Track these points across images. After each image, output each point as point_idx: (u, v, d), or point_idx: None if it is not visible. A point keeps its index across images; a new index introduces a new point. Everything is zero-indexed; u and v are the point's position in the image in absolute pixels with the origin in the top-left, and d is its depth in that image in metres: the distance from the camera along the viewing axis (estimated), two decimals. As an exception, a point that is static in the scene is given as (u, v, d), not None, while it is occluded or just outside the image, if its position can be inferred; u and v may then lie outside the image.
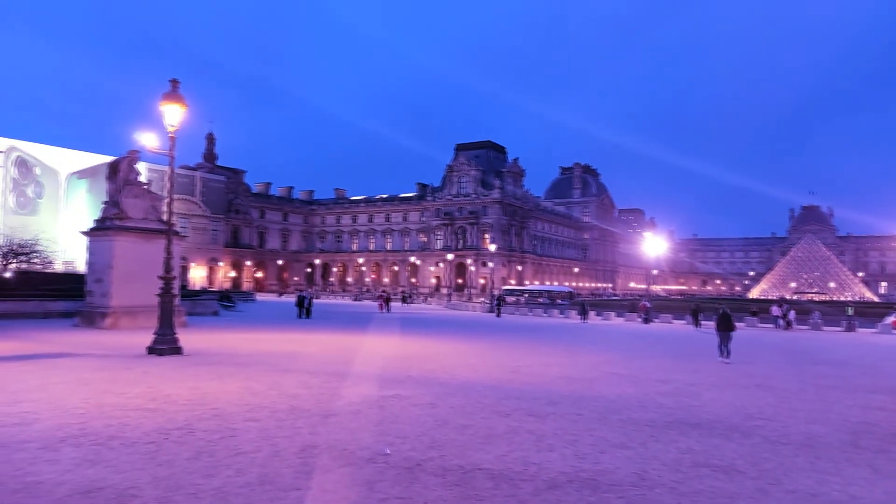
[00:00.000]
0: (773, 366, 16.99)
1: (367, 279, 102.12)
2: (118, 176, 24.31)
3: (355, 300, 72.65)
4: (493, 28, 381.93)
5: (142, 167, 27.51)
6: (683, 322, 39.83)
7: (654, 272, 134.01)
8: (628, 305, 51.76)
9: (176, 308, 16.74)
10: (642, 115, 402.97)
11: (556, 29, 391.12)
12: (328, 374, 12.30)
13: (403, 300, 63.97)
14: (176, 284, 17.20)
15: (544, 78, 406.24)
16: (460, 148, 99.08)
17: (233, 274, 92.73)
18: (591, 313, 42.07)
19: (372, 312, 43.28)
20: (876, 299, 77.87)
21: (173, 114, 14.90)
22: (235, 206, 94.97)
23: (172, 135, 15.12)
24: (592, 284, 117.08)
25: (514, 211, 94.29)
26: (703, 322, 35.95)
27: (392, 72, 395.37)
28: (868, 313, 43.80)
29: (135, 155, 24.56)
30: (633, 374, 13.93)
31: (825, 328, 36.30)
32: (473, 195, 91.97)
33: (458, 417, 8.58)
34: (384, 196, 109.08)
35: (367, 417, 8.42)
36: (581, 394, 10.97)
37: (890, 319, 37.28)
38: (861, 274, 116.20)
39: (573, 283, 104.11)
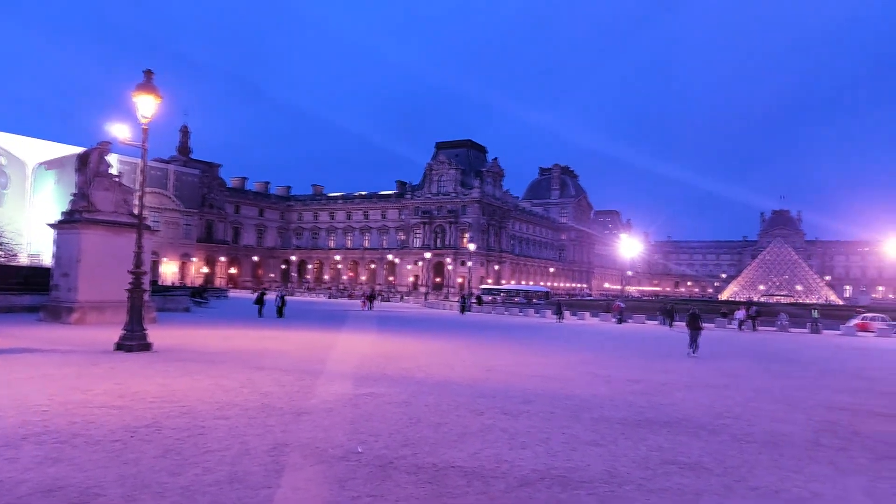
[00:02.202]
0: (741, 366, 17.31)
1: (344, 277, 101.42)
2: (88, 167, 23.76)
3: (331, 298, 72.21)
4: (474, 29, 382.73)
5: (113, 159, 26.99)
6: (656, 322, 40.40)
7: (629, 273, 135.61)
8: (603, 306, 52.29)
9: (146, 304, 16.44)
10: (621, 119, 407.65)
11: (537, 32, 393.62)
12: (302, 372, 12.20)
13: (372, 298, 63.70)
14: (146, 279, 16.89)
15: (525, 80, 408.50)
16: (440, 146, 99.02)
17: (206, 270, 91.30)
18: (567, 313, 42.44)
19: (348, 310, 43.07)
20: (840, 302, 79.82)
21: (146, 105, 14.62)
22: (210, 200, 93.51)
23: (145, 126, 14.83)
24: (569, 284, 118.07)
25: (494, 211, 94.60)
26: (676, 322, 36.95)
27: (373, 71, 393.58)
28: (833, 316, 44.91)
29: (106, 146, 24.03)
30: (607, 374, 14.08)
31: (792, 330, 37.13)
32: (453, 194, 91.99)
33: (432, 415, 8.58)
34: (363, 193, 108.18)
35: (341, 415, 8.37)
36: (555, 392, 11.05)
37: (854, 322, 38.29)
38: (827, 277, 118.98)
39: (550, 283, 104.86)
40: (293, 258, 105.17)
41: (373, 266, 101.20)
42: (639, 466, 6.48)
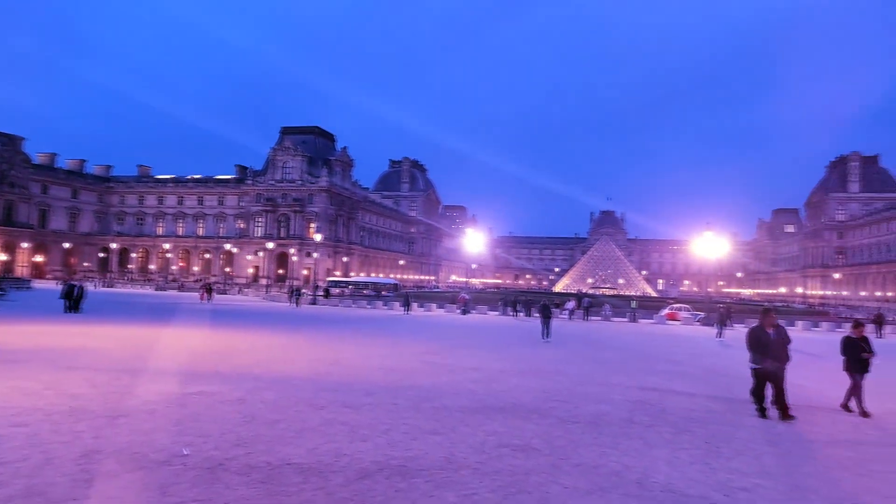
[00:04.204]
0: (570, 353, 18.75)
1: (174, 267, 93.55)
2: None
3: (159, 290, 66.58)
4: (322, 19, 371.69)
5: None
6: (497, 313, 42.49)
7: (474, 266, 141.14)
8: (449, 298, 53.86)
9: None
10: (467, 116, 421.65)
11: (388, 25, 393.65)
12: (121, 371, 11.08)
13: (211, 290, 59.98)
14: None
15: (376, 72, 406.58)
16: (286, 132, 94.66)
17: (4, 257, 79.36)
18: (415, 305, 43.11)
19: (179, 303, 40.05)
20: (655, 294, 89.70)
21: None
22: (10, 178, 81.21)
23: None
24: (417, 277, 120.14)
25: (343, 201, 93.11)
26: (520, 312, 39.65)
27: (214, 58, 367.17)
28: (648, 306, 50.28)
29: None
30: (450, 363, 14.49)
31: (614, 319, 41.01)
32: (299, 182, 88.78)
33: (269, 412, 8.21)
34: (197, 177, 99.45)
35: (165, 417, 7.71)
36: (399, 384, 11.13)
37: (664, 312, 43.20)
38: (644, 272, 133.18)
39: (399, 276, 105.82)
40: (114, 245, 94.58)
41: (208, 256, 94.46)
42: (475, 451, 6.72)
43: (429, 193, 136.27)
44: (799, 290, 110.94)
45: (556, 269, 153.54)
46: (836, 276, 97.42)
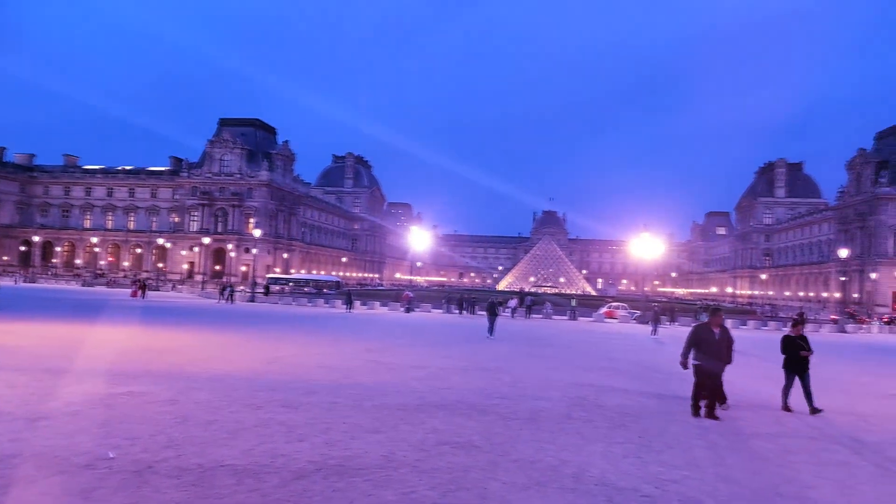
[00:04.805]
0: (512, 350, 18.99)
1: (103, 262, 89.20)
2: None
3: (86, 286, 63.46)
4: (262, 12, 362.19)
5: None
6: (441, 311, 42.63)
7: (419, 264, 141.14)
8: (393, 295, 53.62)
9: None
10: (413, 114, 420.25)
11: (332, 20, 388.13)
12: (42, 371, 10.49)
13: (145, 286, 57.66)
14: None
15: (320, 68, 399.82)
16: (224, 123, 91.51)
17: None
18: (357, 303, 42.71)
19: (108, 300, 38.32)
20: (594, 293, 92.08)
21: None
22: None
23: None
24: (361, 274, 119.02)
25: (284, 196, 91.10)
26: (464, 311, 40.11)
27: (144, 52, 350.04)
28: (588, 305, 51.54)
29: None
30: (392, 362, 14.41)
31: (555, 317, 41.84)
32: (238, 175, 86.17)
33: (202, 413, 7.94)
34: (128, 168, 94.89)
35: (90, 419, 7.34)
36: (339, 382, 10.99)
37: (603, 310, 44.40)
38: (585, 271, 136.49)
39: (342, 273, 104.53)
40: (36, 239, 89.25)
41: (139, 251, 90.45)
42: (415, 449, 6.70)
43: (373, 190, 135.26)
44: (729, 289, 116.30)
45: (500, 268, 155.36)
46: (763, 276, 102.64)
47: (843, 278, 75.66)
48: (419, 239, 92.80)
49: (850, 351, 25.91)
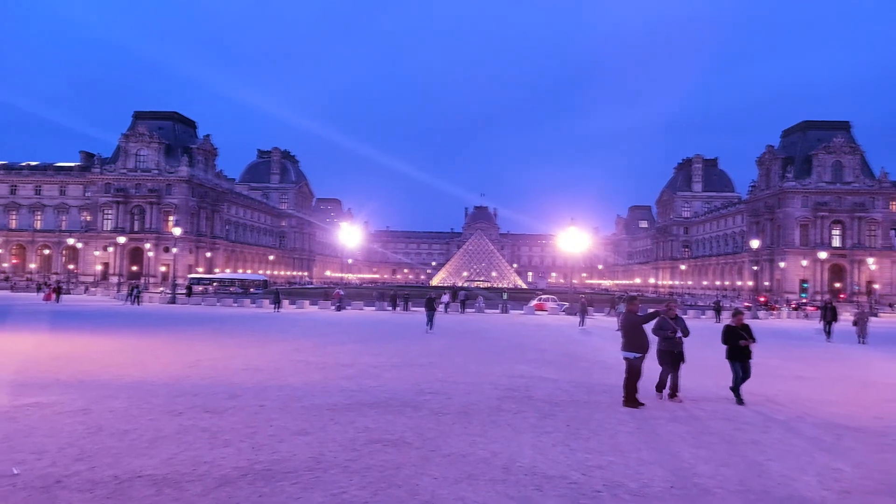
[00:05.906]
0: (444, 345, 19.05)
1: (6, 264, 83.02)
2: None
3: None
4: (183, 3, 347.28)
5: None
6: (373, 308, 42.28)
7: (350, 261, 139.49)
8: (323, 294, 52.73)
9: None
10: (342, 109, 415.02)
11: (258, 12, 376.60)
12: (-63, 384, 9.64)
13: (60, 290, 54.29)
14: None
15: (244, 61, 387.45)
16: (140, 116, 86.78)
17: None
18: (286, 302, 41.70)
19: (12, 304, 35.76)
20: (525, 286, 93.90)
21: None
22: None
23: None
24: (289, 272, 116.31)
25: (206, 192, 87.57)
26: (398, 307, 40.20)
27: (52, 40, 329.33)
28: (519, 298, 52.53)
29: None
30: (321, 361, 14.15)
31: (487, 311, 42.37)
32: (156, 171, 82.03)
33: (117, 422, 7.51)
34: (33, 164, 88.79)
35: (-10, 433, 6.80)
36: (266, 384, 10.68)
37: (533, 303, 45.33)
38: (515, 265, 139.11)
39: (269, 272, 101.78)
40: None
41: (47, 252, 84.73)
42: (345, 449, 6.60)
43: (301, 186, 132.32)
44: (651, 280, 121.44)
45: (434, 263, 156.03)
46: (683, 267, 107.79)
47: (755, 267, 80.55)
48: (350, 235, 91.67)
49: (761, 336, 27.54)
